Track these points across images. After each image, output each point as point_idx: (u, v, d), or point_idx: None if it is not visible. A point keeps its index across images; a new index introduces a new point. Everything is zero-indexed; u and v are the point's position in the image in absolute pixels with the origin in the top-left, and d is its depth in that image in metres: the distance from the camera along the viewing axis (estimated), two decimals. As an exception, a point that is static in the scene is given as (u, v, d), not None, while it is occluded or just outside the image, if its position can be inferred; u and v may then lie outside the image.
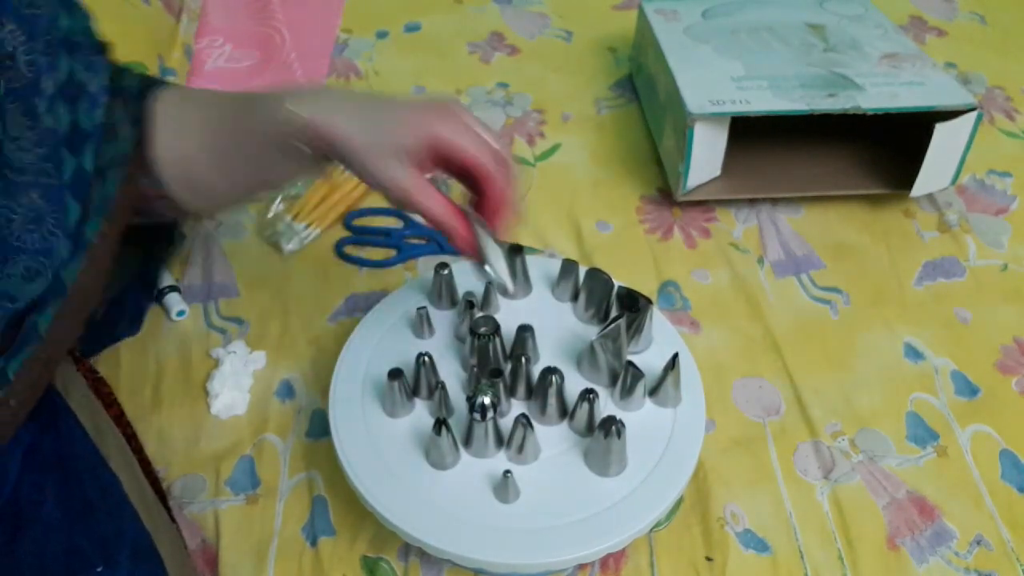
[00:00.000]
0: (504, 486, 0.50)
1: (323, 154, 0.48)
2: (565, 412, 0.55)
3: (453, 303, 0.62)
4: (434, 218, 0.49)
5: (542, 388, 0.54)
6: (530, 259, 0.63)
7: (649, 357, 0.59)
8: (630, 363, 0.55)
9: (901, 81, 0.80)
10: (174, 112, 0.54)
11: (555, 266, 0.63)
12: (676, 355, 0.55)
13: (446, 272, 0.61)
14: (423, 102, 0.49)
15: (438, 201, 0.48)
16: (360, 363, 0.58)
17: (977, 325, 0.73)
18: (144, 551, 0.50)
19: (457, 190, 0.53)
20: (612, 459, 0.51)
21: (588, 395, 0.53)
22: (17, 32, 0.43)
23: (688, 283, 0.77)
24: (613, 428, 0.50)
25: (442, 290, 0.61)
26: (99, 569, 0.47)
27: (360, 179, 0.49)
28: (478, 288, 0.62)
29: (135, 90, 0.53)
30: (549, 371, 0.53)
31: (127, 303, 0.67)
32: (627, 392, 0.55)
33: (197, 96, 0.57)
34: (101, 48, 0.51)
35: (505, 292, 0.57)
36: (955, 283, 0.77)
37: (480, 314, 0.58)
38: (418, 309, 0.59)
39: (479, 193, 0.50)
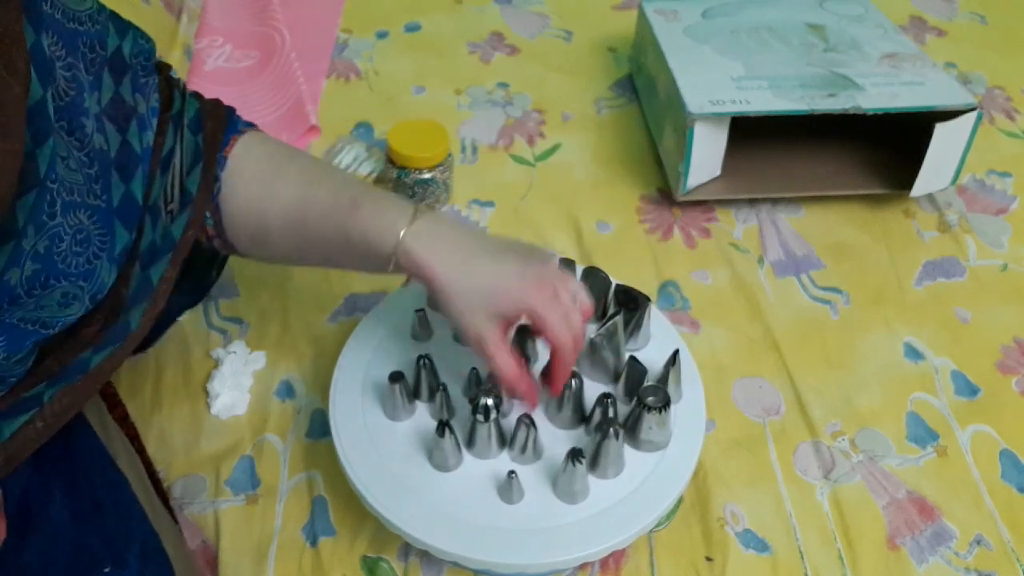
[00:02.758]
0: (509, 487, 0.50)
1: (410, 275, 0.51)
2: (583, 415, 0.55)
3: None
4: (503, 377, 0.50)
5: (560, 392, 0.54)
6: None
7: (648, 354, 0.59)
8: (633, 359, 0.55)
9: (901, 81, 0.80)
10: (262, 171, 0.53)
11: None
12: (676, 351, 0.55)
13: None
14: (527, 265, 0.50)
15: (509, 363, 0.50)
16: (360, 366, 0.58)
17: (977, 325, 0.73)
18: (153, 552, 0.50)
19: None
20: (610, 460, 0.51)
21: (604, 400, 0.53)
22: (56, 47, 0.42)
23: (688, 283, 0.77)
24: (611, 430, 0.50)
25: None
26: (107, 570, 0.47)
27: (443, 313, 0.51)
28: None
29: (193, 120, 0.52)
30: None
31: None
32: (631, 388, 0.55)
33: (291, 163, 0.54)
34: (154, 70, 0.50)
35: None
36: (955, 283, 0.77)
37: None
38: (416, 311, 0.59)
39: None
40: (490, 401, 0.51)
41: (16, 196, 0.37)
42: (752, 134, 0.83)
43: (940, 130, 0.76)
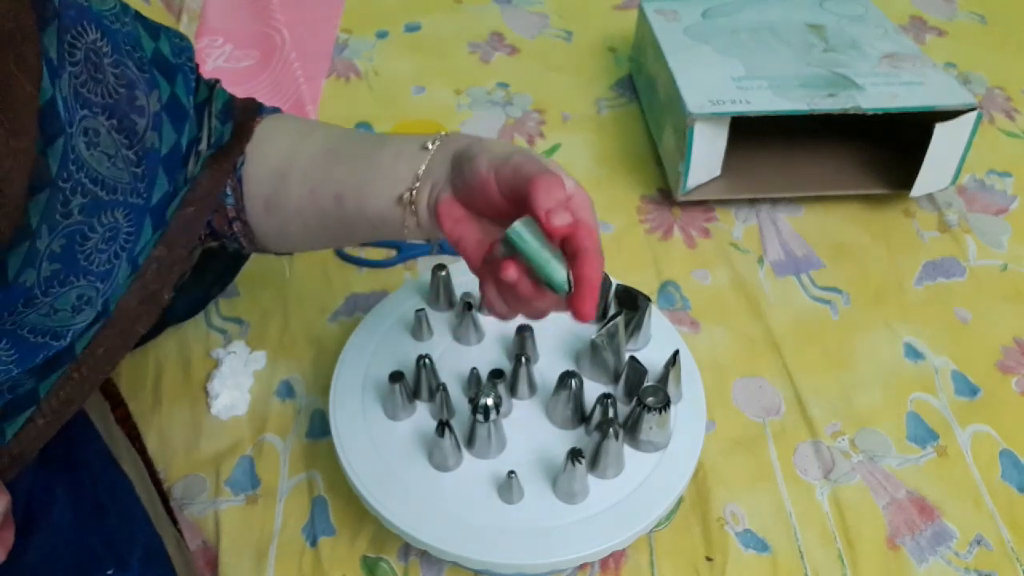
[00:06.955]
0: (509, 487, 0.50)
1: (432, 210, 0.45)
2: (583, 415, 0.55)
3: (451, 304, 0.62)
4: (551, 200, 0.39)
5: (560, 392, 0.54)
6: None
7: (648, 354, 0.59)
8: (633, 359, 0.55)
9: (901, 81, 0.80)
10: (296, 129, 0.51)
11: None
12: (677, 352, 0.55)
13: (443, 273, 0.61)
14: None
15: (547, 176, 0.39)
16: (360, 365, 0.58)
17: (977, 325, 0.73)
18: (155, 553, 0.50)
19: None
20: (610, 461, 0.51)
21: (604, 400, 0.53)
22: (102, 43, 0.41)
23: (688, 283, 0.77)
24: (611, 430, 0.50)
25: (440, 291, 0.61)
26: (109, 572, 0.47)
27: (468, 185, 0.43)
28: (475, 289, 0.62)
29: (222, 111, 0.51)
30: (568, 375, 0.53)
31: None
32: (631, 389, 0.55)
33: (324, 125, 0.53)
34: (196, 68, 0.50)
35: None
36: (955, 283, 0.77)
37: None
38: (416, 311, 0.59)
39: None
40: (490, 401, 0.51)
41: (28, 196, 0.37)
42: (752, 134, 0.83)
43: (940, 130, 0.76)
